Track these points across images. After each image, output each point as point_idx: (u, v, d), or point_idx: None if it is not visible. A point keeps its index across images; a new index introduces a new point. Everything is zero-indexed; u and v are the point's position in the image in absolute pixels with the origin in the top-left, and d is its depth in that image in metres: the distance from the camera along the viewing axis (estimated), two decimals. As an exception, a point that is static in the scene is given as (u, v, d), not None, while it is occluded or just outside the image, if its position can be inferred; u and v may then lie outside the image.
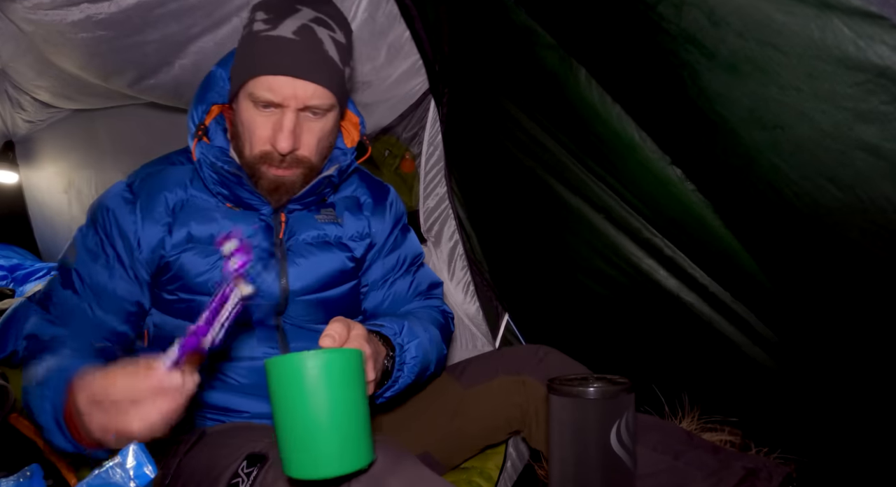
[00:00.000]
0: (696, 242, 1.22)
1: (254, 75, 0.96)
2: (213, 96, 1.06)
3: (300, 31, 0.95)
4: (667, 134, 1.11)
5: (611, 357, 1.50)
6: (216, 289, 0.71)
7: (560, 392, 0.85)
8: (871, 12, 0.75)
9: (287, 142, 0.96)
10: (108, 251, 1.03)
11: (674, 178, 1.15)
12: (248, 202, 1.05)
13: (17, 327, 1.80)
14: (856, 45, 0.77)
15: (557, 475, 0.87)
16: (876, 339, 1.05)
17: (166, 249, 1.03)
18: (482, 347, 1.80)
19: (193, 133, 1.03)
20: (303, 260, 1.08)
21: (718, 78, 0.93)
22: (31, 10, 1.26)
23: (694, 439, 1.08)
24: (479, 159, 1.60)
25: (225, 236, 0.73)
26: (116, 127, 2.46)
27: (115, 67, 1.42)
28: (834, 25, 0.78)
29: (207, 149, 1.02)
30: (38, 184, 3.13)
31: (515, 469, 1.49)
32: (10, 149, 3.06)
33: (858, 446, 1.18)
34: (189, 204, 1.06)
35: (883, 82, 0.78)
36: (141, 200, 1.04)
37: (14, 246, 3.09)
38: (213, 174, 1.03)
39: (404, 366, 0.98)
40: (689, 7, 0.89)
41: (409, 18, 1.41)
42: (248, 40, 0.99)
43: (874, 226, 0.90)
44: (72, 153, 2.80)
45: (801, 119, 0.87)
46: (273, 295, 1.06)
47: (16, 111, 2.44)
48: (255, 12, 1.00)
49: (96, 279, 1.02)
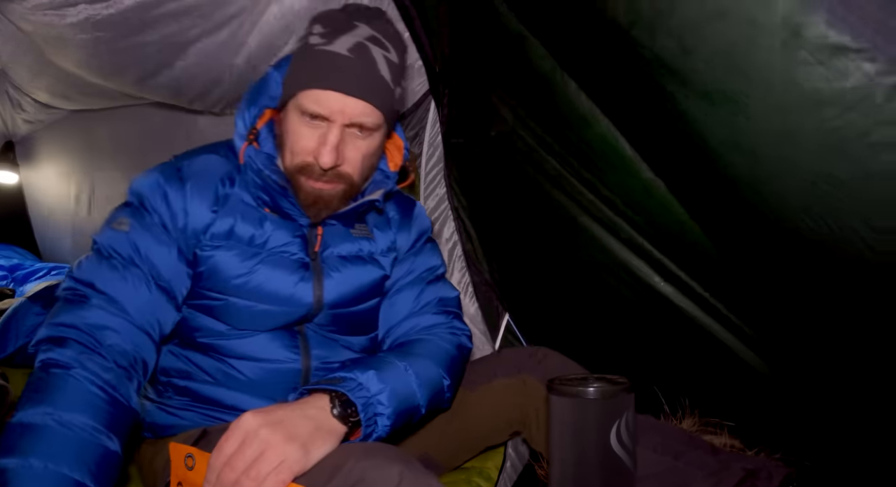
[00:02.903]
0: (686, 251, 1.22)
1: (304, 87, 0.96)
2: (266, 100, 1.06)
3: (355, 48, 0.96)
4: (652, 150, 1.11)
5: (610, 358, 1.50)
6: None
7: (560, 392, 0.85)
8: (842, 45, 0.72)
9: (330, 156, 0.96)
10: (161, 227, 1.00)
11: (662, 190, 1.14)
12: (287, 211, 1.05)
13: (17, 327, 1.80)
14: (825, 79, 0.76)
15: (557, 475, 0.87)
16: (867, 344, 1.05)
17: (206, 237, 1.02)
18: (482, 347, 1.80)
19: (244, 135, 1.03)
20: (337, 274, 1.09)
21: (694, 104, 0.92)
22: (30, 11, 1.26)
23: (694, 440, 1.08)
24: (479, 160, 1.60)
25: None
26: (116, 127, 2.46)
27: (115, 67, 1.42)
28: (801, 58, 0.76)
29: (256, 154, 1.02)
30: (38, 184, 3.13)
31: (515, 469, 1.49)
32: (10, 149, 3.06)
33: (856, 447, 1.18)
34: (232, 199, 1.05)
35: (852, 118, 0.76)
36: (192, 182, 1.03)
37: (14, 246, 3.09)
38: (257, 180, 1.03)
39: (377, 418, 0.90)
40: (660, 34, 0.88)
41: (408, 20, 1.41)
42: (303, 53, 0.99)
43: (849, 257, 0.91)
44: (72, 153, 2.81)
45: (772, 149, 0.87)
46: (307, 305, 1.05)
47: (16, 111, 2.44)
48: (313, 25, 1.01)
49: (154, 254, 0.98)
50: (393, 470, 0.73)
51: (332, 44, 0.96)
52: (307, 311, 1.06)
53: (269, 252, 1.05)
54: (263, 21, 1.29)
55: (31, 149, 2.97)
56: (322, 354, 1.09)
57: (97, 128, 2.55)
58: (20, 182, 3.22)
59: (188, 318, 1.05)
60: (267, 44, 1.32)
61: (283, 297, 1.04)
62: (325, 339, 1.10)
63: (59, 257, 3.08)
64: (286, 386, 1.05)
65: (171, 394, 1.06)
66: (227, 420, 1.04)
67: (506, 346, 1.83)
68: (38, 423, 0.81)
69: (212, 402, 1.05)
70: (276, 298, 1.03)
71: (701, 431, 1.31)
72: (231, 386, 1.04)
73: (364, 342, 1.17)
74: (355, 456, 0.76)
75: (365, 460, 0.75)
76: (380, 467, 0.74)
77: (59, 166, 2.91)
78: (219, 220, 1.02)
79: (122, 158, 2.61)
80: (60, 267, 2.81)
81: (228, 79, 1.38)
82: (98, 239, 0.99)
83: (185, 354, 1.06)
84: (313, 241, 1.09)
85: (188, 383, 1.05)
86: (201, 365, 1.05)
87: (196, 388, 1.05)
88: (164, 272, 0.98)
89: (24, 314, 1.83)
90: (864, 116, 0.76)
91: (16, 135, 2.81)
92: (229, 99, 1.49)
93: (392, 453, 0.78)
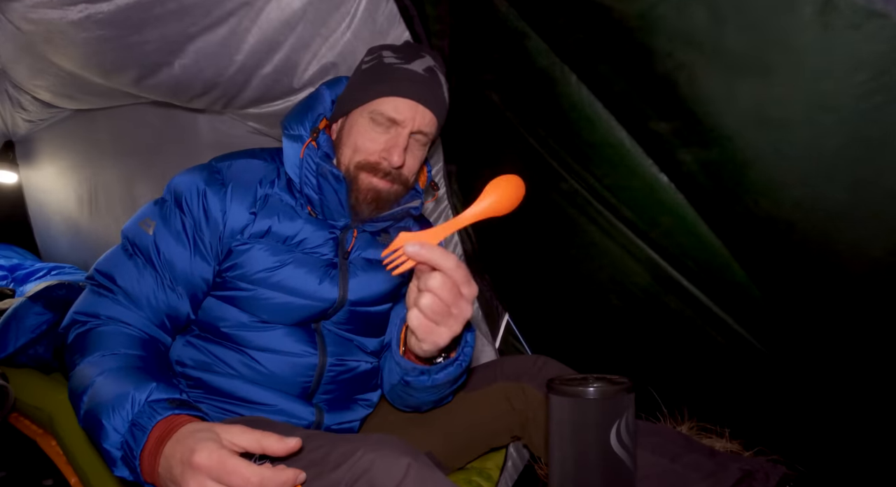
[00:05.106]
0: (687, 252, 1.20)
1: (383, 95, 1.10)
2: (321, 109, 1.17)
3: (428, 70, 1.13)
4: (657, 143, 1.10)
5: (608, 360, 1.50)
6: None
7: (560, 391, 0.85)
8: (874, 10, 0.74)
9: (399, 157, 1.09)
10: (190, 230, 1.06)
11: (666, 187, 1.13)
12: (330, 209, 1.13)
13: (17, 327, 1.80)
14: (857, 44, 0.76)
15: (557, 475, 0.86)
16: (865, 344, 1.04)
17: (244, 235, 1.09)
18: (482, 347, 1.80)
19: (304, 137, 1.12)
20: (363, 274, 1.17)
21: (717, 78, 0.92)
22: (30, 10, 1.26)
23: (691, 442, 1.08)
24: (479, 160, 1.60)
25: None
26: (116, 127, 2.46)
27: (116, 66, 1.42)
28: (835, 24, 0.77)
29: (314, 151, 1.11)
30: (38, 184, 3.13)
31: (516, 468, 1.50)
32: (10, 149, 3.06)
33: (853, 448, 1.18)
34: (272, 199, 1.12)
35: (885, 80, 0.77)
36: (233, 185, 1.10)
37: (14, 246, 3.09)
38: (311, 177, 1.10)
39: (465, 349, 0.98)
40: (691, 5, 0.88)
41: (407, 18, 1.41)
42: (379, 69, 1.12)
43: (875, 228, 0.89)
44: (72, 153, 2.80)
45: (803, 118, 0.87)
46: (330, 300, 1.12)
47: (16, 111, 2.44)
48: (382, 51, 1.16)
49: (176, 256, 1.05)
50: (401, 462, 0.75)
51: (409, 64, 1.12)
52: (329, 306, 1.13)
53: (303, 251, 1.11)
54: (263, 18, 1.29)
55: (31, 148, 2.97)
56: (337, 351, 1.15)
57: (97, 128, 2.55)
58: (20, 182, 3.21)
59: (214, 308, 1.10)
60: (267, 40, 1.32)
61: (307, 292, 1.10)
62: (340, 338, 1.16)
63: (59, 257, 3.08)
64: (301, 380, 1.10)
65: (182, 386, 1.08)
66: (239, 412, 1.08)
67: (507, 346, 1.84)
68: (95, 357, 0.91)
69: (224, 394, 1.08)
70: (302, 292, 1.10)
71: (699, 435, 1.31)
72: (249, 379, 1.08)
73: (375, 345, 1.23)
74: (365, 447, 0.78)
75: (374, 451, 0.77)
76: (388, 458, 0.76)
77: (60, 166, 2.91)
78: (258, 221, 1.10)
79: (122, 158, 2.60)
80: (60, 267, 2.81)
81: (228, 76, 1.38)
82: (125, 233, 1.08)
83: (206, 346, 1.10)
84: (346, 244, 1.17)
85: (203, 374, 1.09)
86: (222, 358, 1.09)
87: (210, 380, 1.08)
88: (182, 274, 1.05)
89: (24, 314, 1.83)
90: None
91: (16, 134, 2.80)
92: (229, 97, 1.48)
93: (401, 445, 0.80)
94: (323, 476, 0.77)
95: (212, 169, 1.11)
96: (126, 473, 0.80)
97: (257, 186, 1.11)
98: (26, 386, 1.50)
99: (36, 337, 1.78)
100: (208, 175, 1.10)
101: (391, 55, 1.14)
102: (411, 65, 1.12)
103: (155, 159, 2.38)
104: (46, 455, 1.30)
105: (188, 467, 0.72)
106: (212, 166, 1.12)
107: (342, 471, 0.76)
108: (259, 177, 1.13)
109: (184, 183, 1.09)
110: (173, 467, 0.74)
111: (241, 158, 1.15)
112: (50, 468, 1.27)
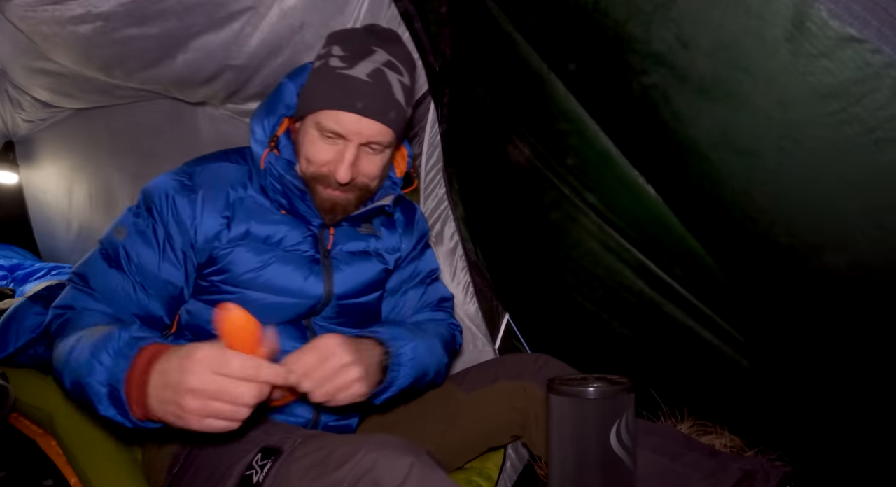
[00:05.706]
0: (676, 259, 1.20)
1: (325, 107, 1.02)
2: (283, 108, 1.12)
3: (373, 74, 1.02)
4: (640, 153, 1.10)
5: (608, 360, 1.50)
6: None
7: (560, 391, 0.85)
8: (848, 35, 0.70)
9: (346, 173, 1.03)
10: (160, 235, 1.06)
11: (651, 195, 1.13)
12: (302, 213, 1.11)
13: (17, 327, 1.79)
14: (830, 72, 0.73)
15: (557, 475, 0.86)
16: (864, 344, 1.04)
17: (221, 242, 1.08)
18: (482, 347, 1.80)
19: (264, 142, 1.09)
20: (347, 268, 1.16)
21: (689, 101, 0.90)
22: (31, 7, 1.26)
23: (692, 442, 1.08)
24: (478, 161, 1.60)
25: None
26: (116, 127, 2.46)
27: (116, 58, 1.42)
28: (805, 50, 0.73)
29: (276, 160, 1.08)
30: (38, 184, 3.13)
31: (515, 469, 1.49)
32: (10, 149, 3.06)
33: (853, 447, 1.18)
34: (247, 202, 1.11)
35: (857, 112, 0.73)
36: (203, 191, 1.08)
37: (14, 246, 3.09)
38: (277, 184, 1.08)
39: (400, 368, 1.03)
40: (658, 26, 0.86)
41: (408, 19, 1.41)
42: (323, 73, 1.04)
43: (848, 258, 0.88)
44: (72, 153, 2.80)
45: (772, 147, 0.84)
46: (317, 296, 1.12)
47: (16, 111, 2.44)
48: (332, 46, 1.06)
49: (145, 261, 1.05)
50: (404, 461, 0.75)
51: (353, 68, 1.02)
52: (316, 303, 1.12)
53: (283, 249, 1.11)
54: (266, 21, 1.30)
55: (31, 148, 2.97)
56: None
57: (97, 128, 2.54)
58: (20, 182, 3.21)
59: (203, 312, 1.10)
60: (269, 41, 1.33)
61: (293, 290, 1.10)
62: (330, 332, 1.13)
63: (59, 257, 3.07)
64: None
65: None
66: None
67: (507, 346, 1.83)
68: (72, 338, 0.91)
69: None
70: (288, 291, 1.09)
71: (700, 433, 1.31)
72: None
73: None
74: (367, 446, 0.78)
75: (377, 450, 0.77)
76: (391, 457, 0.76)
77: (60, 166, 2.91)
78: (234, 226, 1.08)
79: (122, 158, 2.60)
80: (60, 267, 2.81)
81: (229, 73, 1.39)
82: (102, 239, 1.09)
83: None
84: (325, 240, 1.15)
85: None
86: None
87: None
88: (152, 278, 1.05)
89: (24, 314, 1.82)
90: (869, 111, 0.73)
91: (16, 134, 2.80)
92: (229, 91, 1.49)
93: (404, 445, 0.80)
94: (325, 475, 0.77)
95: (182, 174, 1.10)
96: (112, 411, 0.80)
97: (229, 190, 1.09)
98: (26, 386, 1.49)
99: (36, 337, 1.78)
100: (179, 181, 1.08)
101: (339, 53, 1.04)
102: (355, 69, 1.02)
103: (155, 159, 2.38)
104: (46, 455, 1.29)
105: (187, 361, 0.74)
106: (183, 171, 1.10)
107: (345, 471, 0.76)
108: (231, 181, 1.10)
109: (155, 189, 1.08)
110: (169, 373, 0.75)
111: (214, 162, 1.13)
112: (50, 468, 1.26)
